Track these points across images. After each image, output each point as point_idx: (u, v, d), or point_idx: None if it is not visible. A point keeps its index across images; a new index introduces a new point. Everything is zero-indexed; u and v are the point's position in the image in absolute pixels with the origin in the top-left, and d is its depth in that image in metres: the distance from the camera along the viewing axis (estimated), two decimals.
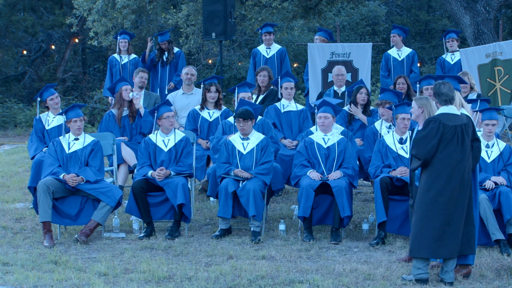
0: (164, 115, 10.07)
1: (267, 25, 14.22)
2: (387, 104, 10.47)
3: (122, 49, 14.10)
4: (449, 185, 7.66)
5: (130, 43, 14.22)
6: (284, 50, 14.14)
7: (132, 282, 7.86)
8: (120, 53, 14.12)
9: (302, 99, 19.01)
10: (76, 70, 26.11)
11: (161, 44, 14.07)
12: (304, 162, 9.90)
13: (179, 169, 9.90)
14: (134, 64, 13.94)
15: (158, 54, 14.07)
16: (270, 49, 14.02)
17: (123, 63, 14.00)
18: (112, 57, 14.33)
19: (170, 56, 13.97)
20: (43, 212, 9.43)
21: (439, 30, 25.85)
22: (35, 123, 11.31)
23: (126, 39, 14.16)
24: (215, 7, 14.13)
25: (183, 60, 14.20)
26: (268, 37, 13.95)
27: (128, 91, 11.47)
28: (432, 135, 7.68)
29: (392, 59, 13.94)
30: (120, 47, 14.13)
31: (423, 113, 8.28)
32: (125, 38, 14.17)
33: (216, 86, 11.66)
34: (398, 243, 9.33)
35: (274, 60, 13.89)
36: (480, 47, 13.23)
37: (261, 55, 13.93)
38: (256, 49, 14.12)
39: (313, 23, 20.70)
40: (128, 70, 13.93)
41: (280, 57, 13.93)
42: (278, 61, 13.90)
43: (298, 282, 7.81)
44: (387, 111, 10.44)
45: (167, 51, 14.03)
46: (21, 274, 8.08)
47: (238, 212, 9.85)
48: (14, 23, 24.60)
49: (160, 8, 20.08)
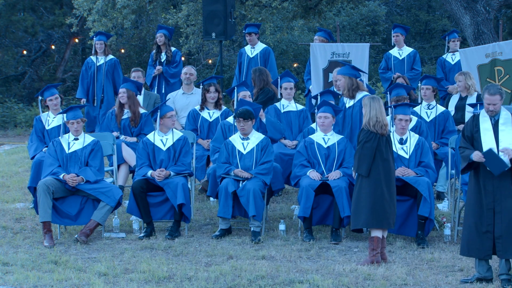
0: (168, 114, 10.10)
1: (249, 26, 14.19)
2: (405, 100, 10.49)
3: (98, 51, 13.77)
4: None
5: (106, 44, 13.90)
6: (269, 49, 14.07)
7: (132, 282, 7.86)
8: (97, 55, 13.80)
9: (302, 99, 19.00)
10: (76, 70, 26.07)
11: (156, 37, 13.95)
12: (304, 162, 9.90)
13: (178, 169, 9.90)
14: (110, 65, 13.69)
15: (156, 52, 14.02)
16: (254, 48, 14.01)
17: (99, 64, 13.70)
18: (88, 58, 14.09)
19: (168, 54, 13.89)
20: (43, 212, 9.43)
21: (439, 30, 25.84)
22: (35, 123, 11.30)
23: (102, 40, 13.84)
24: (215, 7, 14.13)
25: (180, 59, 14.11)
26: (249, 37, 13.90)
27: (124, 94, 11.42)
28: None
29: (393, 58, 13.94)
30: (96, 48, 13.80)
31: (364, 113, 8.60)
32: (101, 39, 13.85)
33: (215, 86, 11.65)
34: (398, 243, 9.34)
35: (258, 59, 13.88)
36: (479, 47, 13.22)
37: (246, 55, 13.96)
38: (242, 49, 14.13)
39: (313, 23, 20.69)
40: (103, 71, 13.69)
41: (264, 57, 13.87)
42: (261, 60, 13.87)
43: (298, 282, 7.81)
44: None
45: (165, 49, 13.92)
46: (21, 274, 8.08)
47: (238, 212, 9.85)
48: (14, 23, 24.59)
49: (160, 8, 20.08)
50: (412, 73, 13.73)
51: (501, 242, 7.78)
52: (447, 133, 11.14)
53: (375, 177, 8.51)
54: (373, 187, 8.50)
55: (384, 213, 8.53)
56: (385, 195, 8.51)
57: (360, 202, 8.56)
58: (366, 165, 8.50)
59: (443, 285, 7.83)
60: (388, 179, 8.57)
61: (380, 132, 8.53)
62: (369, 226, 8.61)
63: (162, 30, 14.02)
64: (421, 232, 9.34)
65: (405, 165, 9.62)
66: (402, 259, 8.76)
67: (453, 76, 13.31)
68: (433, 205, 9.35)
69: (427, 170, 9.64)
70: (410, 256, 8.85)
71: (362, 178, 8.57)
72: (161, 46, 13.93)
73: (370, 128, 8.54)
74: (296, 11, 18.01)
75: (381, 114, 8.57)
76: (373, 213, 8.49)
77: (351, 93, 10.42)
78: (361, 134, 8.59)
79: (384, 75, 13.94)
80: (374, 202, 8.49)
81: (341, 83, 10.71)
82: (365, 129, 8.57)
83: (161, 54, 13.94)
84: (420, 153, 9.74)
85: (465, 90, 11.85)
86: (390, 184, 8.60)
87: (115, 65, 13.78)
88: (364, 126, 8.60)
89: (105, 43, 13.86)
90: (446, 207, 10.78)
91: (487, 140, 7.80)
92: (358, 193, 8.61)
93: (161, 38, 13.91)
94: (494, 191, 7.81)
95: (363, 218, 8.55)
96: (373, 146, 8.50)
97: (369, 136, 8.52)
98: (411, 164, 9.67)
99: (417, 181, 9.38)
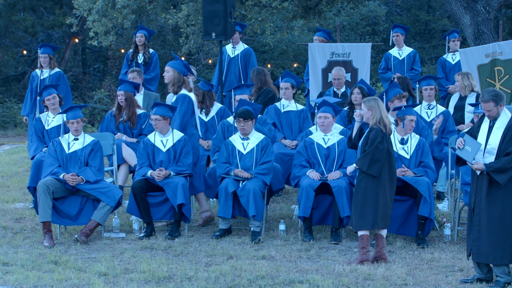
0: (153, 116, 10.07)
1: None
2: (404, 97, 10.50)
3: (43, 64, 12.69)
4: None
5: (52, 57, 12.76)
6: (250, 50, 14.00)
7: (132, 282, 7.86)
8: (42, 68, 12.72)
9: (302, 99, 19.00)
10: (76, 70, 26.09)
11: (136, 36, 13.70)
12: (304, 162, 9.90)
13: (178, 169, 9.90)
14: (55, 79, 12.59)
15: (133, 52, 13.86)
16: (235, 48, 13.98)
17: (42, 78, 12.64)
18: (34, 72, 12.96)
19: (146, 55, 13.77)
20: (43, 212, 9.43)
21: (439, 30, 25.83)
22: (35, 123, 11.30)
23: (47, 53, 12.74)
24: (215, 7, 14.11)
25: (156, 61, 13.98)
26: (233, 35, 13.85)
27: (122, 97, 11.38)
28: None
29: (392, 58, 13.93)
30: (40, 62, 12.74)
31: (372, 114, 8.47)
32: (45, 52, 12.74)
33: (197, 91, 11.49)
34: (398, 243, 9.34)
35: (238, 60, 13.86)
36: (479, 47, 13.21)
37: (227, 54, 13.95)
38: (224, 47, 14.10)
39: (313, 23, 20.66)
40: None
41: (245, 58, 13.80)
42: (242, 61, 13.83)
43: (298, 282, 7.81)
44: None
45: (143, 50, 13.80)
46: (21, 274, 8.08)
47: (238, 212, 9.85)
48: (14, 23, 24.58)
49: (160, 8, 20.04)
50: (412, 73, 13.72)
51: (477, 244, 7.75)
52: (447, 133, 11.14)
53: (383, 178, 8.48)
54: (381, 188, 8.45)
55: (389, 215, 8.54)
56: (389, 197, 8.51)
57: (367, 203, 8.46)
58: (379, 166, 8.43)
59: (443, 285, 7.84)
60: (392, 180, 8.55)
61: (387, 131, 8.51)
62: (378, 228, 8.52)
63: (142, 31, 13.86)
64: (421, 232, 9.34)
65: (405, 165, 9.62)
66: (402, 259, 8.76)
67: (453, 76, 13.32)
68: (433, 205, 9.36)
69: (426, 170, 9.64)
70: (410, 256, 8.85)
71: (369, 178, 8.47)
72: (140, 46, 13.81)
73: (381, 127, 8.49)
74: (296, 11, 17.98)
75: (386, 114, 8.56)
76: (381, 215, 8.46)
77: (175, 88, 10.20)
78: (373, 133, 8.47)
79: (384, 75, 13.93)
80: (383, 203, 8.46)
81: (168, 75, 10.35)
82: (375, 128, 8.47)
83: (138, 55, 13.83)
84: (420, 154, 9.74)
85: (462, 89, 11.86)
86: (393, 185, 8.58)
87: (59, 78, 12.68)
88: (374, 125, 8.49)
89: (50, 56, 12.78)
90: (446, 207, 10.78)
91: (480, 139, 7.80)
92: (364, 194, 8.49)
93: (141, 38, 13.70)
94: (475, 192, 7.82)
95: (371, 219, 8.45)
96: (385, 147, 8.45)
97: (382, 136, 8.44)
98: (412, 165, 9.67)
99: (417, 181, 9.38)
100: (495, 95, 7.72)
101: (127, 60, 13.87)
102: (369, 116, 8.55)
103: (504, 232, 7.65)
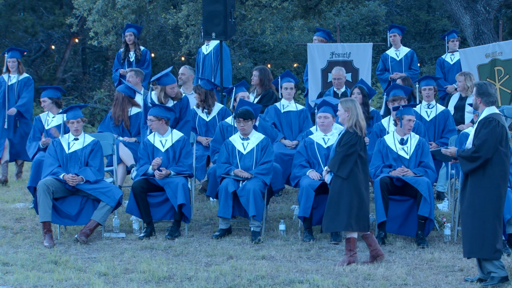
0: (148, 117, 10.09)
1: None
2: (402, 101, 10.49)
3: (10, 69, 12.43)
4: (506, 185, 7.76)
5: (20, 61, 12.52)
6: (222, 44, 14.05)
7: (132, 282, 7.86)
8: (9, 73, 12.46)
9: (302, 99, 19.00)
10: (76, 70, 26.08)
11: (125, 35, 13.69)
12: (303, 162, 9.90)
13: (179, 169, 9.90)
14: (25, 83, 12.45)
15: (124, 51, 13.83)
16: (208, 45, 14.00)
17: (10, 83, 12.41)
18: (0, 76, 12.69)
19: (137, 52, 13.75)
20: (43, 212, 9.43)
21: (439, 30, 25.82)
22: (34, 123, 11.31)
23: (15, 57, 12.43)
24: (215, 7, 14.11)
25: (149, 59, 13.87)
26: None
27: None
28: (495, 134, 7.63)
29: (390, 59, 13.92)
30: (8, 66, 12.45)
31: (349, 116, 8.46)
32: (13, 56, 12.44)
33: (199, 90, 11.53)
34: (398, 243, 9.34)
35: (211, 56, 13.87)
36: (479, 47, 13.22)
37: (201, 52, 13.95)
38: (200, 47, 14.10)
39: (313, 23, 20.67)
40: (15, 91, 12.46)
41: (217, 53, 13.81)
42: (215, 56, 13.83)
43: (298, 282, 7.81)
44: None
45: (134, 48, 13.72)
46: (21, 274, 8.08)
47: (238, 212, 9.86)
48: (14, 23, 24.57)
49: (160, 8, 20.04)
50: (411, 72, 13.72)
51: (463, 240, 7.81)
52: (447, 132, 11.14)
53: (356, 179, 8.47)
54: (356, 190, 8.45)
55: (367, 217, 8.53)
56: (366, 199, 8.51)
57: (341, 204, 8.43)
58: (349, 168, 8.45)
59: (443, 285, 7.84)
60: (366, 181, 8.58)
61: (363, 135, 8.53)
62: (352, 230, 8.47)
63: (131, 29, 13.86)
64: (421, 232, 9.34)
65: (405, 165, 9.62)
66: (402, 259, 8.77)
67: (452, 76, 13.33)
68: (433, 205, 9.36)
69: (426, 170, 9.64)
70: (410, 256, 8.85)
71: (342, 181, 8.47)
72: (130, 45, 13.79)
73: (357, 130, 8.50)
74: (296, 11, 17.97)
75: (362, 117, 8.56)
76: (356, 217, 8.43)
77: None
78: (346, 137, 8.50)
79: (381, 76, 13.92)
80: (358, 205, 8.44)
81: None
82: (351, 132, 8.49)
83: (129, 53, 13.82)
84: (420, 154, 9.74)
85: (464, 90, 11.86)
86: (367, 187, 8.62)
87: (27, 84, 12.50)
88: (349, 128, 8.50)
89: (18, 60, 12.50)
90: (446, 207, 10.78)
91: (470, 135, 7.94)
92: (338, 196, 8.46)
93: (131, 37, 13.71)
94: (461, 191, 7.88)
95: (344, 221, 8.42)
96: (357, 150, 8.46)
97: (355, 139, 8.47)
98: (411, 165, 9.67)
99: (417, 181, 9.38)
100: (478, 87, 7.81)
101: (118, 59, 13.88)
102: (345, 117, 8.53)
103: (474, 222, 7.63)
